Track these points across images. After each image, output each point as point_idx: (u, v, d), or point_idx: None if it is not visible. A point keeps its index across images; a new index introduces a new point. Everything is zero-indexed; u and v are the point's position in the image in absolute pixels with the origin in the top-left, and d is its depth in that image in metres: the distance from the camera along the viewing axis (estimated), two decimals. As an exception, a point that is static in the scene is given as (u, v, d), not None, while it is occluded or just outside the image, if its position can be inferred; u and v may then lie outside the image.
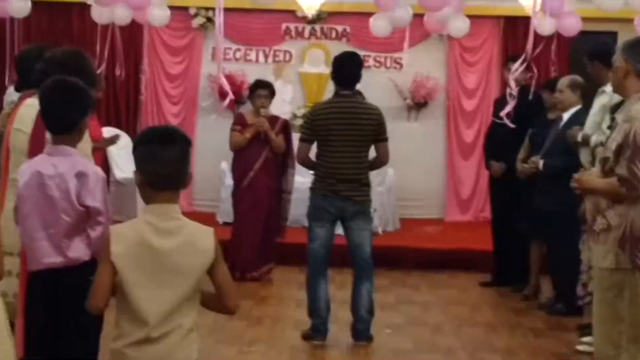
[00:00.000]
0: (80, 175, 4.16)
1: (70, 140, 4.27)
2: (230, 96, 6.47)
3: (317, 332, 7.18)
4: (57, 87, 4.30)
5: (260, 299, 8.73)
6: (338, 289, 8.50)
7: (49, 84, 4.33)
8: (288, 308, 8.45)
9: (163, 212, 3.59)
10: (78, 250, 4.17)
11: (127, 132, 11.96)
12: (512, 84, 6.25)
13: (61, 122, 4.26)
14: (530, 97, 8.87)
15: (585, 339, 7.01)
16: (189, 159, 3.69)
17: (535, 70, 6.93)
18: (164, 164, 3.57)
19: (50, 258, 4.14)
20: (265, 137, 9.33)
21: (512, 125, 7.26)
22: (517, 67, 6.14)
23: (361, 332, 7.18)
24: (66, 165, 4.16)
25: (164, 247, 3.54)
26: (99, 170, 4.31)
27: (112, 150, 10.39)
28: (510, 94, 6.26)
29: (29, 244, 4.20)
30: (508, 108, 6.19)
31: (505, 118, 6.40)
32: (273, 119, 9.49)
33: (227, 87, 5.96)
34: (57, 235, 4.13)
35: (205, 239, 3.62)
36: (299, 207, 10.11)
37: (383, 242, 10.24)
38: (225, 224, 11.27)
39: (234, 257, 9.10)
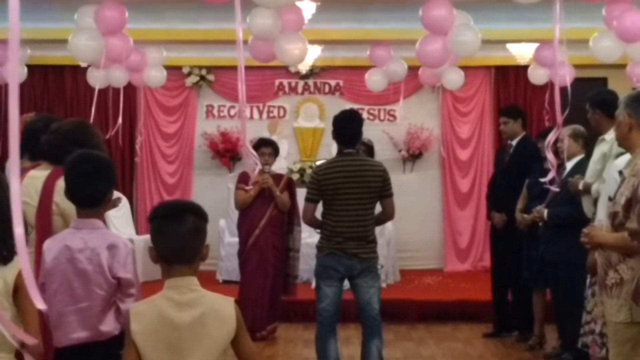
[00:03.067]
0: (112, 248, 4.16)
1: (97, 213, 4.28)
2: (259, 166, 6.38)
3: (327, 390, 7.14)
4: (84, 161, 4.29)
5: (267, 359, 8.68)
6: (344, 344, 8.44)
7: (75, 158, 4.31)
8: (295, 367, 8.41)
9: (181, 285, 3.58)
10: (109, 324, 4.16)
11: (124, 193, 12.07)
12: (550, 156, 6.20)
13: (90, 196, 4.26)
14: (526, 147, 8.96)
15: (593, 388, 6.96)
16: (203, 233, 3.66)
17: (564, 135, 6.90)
18: (175, 238, 3.57)
19: (80, 333, 4.11)
20: (270, 194, 9.33)
21: (556, 189, 7.25)
22: (550, 139, 6.11)
23: (372, 390, 7.13)
24: (96, 238, 4.16)
25: (184, 321, 3.52)
26: (127, 242, 4.32)
27: (109, 213, 10.32)
28: (549, 164, 6.23)
29: (57, 320, 4.16)
30: (550, 175, 6.16)
31: (548, 184, 6.39)
32: (277, 177, 9.52)
33: (255, 157, 5.90)
34: (89, 309, 4.10)
35: (225, 308, 3.62)
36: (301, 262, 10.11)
37: (385, 295, 10.18)
38: (225, 282, 11.29)
39: (243, 317, 9.07)
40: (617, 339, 5.11)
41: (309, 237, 9.66)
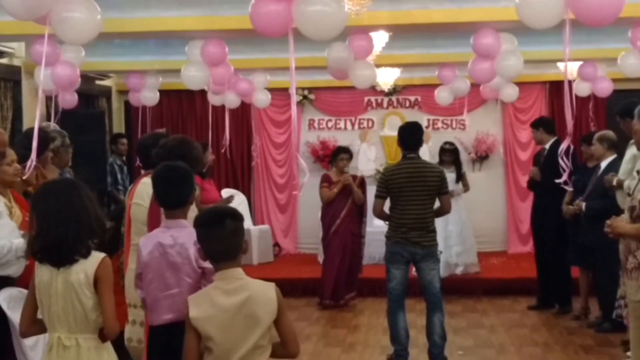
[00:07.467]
0: (197, 243, 4.08)
1: (181, 214, 4.20)
2: (307, 173, 6.07)
3: (399, 357, 7.02)
4: (170, 171, 4.22)
5: (352, 328, 8.60)
6: (418, 316, 8.25)
7: (160, 169, 4.25)
8: (376, 335, 8.26)
9: (228, 276, 3.53)
10: None
11: (243, 191, 12.28)
12: (561, 161, 5.92)
13: (173, 200, 4.18)
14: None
15: (629, 352, 6.65)
16: (241, 232, 3.58)
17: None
18: (217, 242, 3.52)
19: (169, 315, 4.04)
20: (349, 190, 9.50)
21: (569, 189, 7.10)
22: (563, 147, 5.86)
23: (436, 356, 6.98)
24: (184, 235, 4.07)
25: (233, 304, 3.47)
26: None
27: (230, 208, 10.41)
28: (565, 182, 6.05)
29: (152, 304, 4.11)
30: (563, 178, 5.98)
31: (563, 184, 6.20)
32: (353, 177, 9.68)
33: (304, 166, 5.79)
34: (179, 295, 4.00)
35: (267, 291, 3.55)
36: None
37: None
38: (325, 262, 11.20)
39: (324, 289, 9.59)
40: (636, 315, 4.90)
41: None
